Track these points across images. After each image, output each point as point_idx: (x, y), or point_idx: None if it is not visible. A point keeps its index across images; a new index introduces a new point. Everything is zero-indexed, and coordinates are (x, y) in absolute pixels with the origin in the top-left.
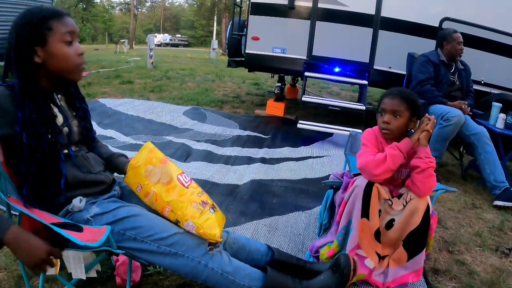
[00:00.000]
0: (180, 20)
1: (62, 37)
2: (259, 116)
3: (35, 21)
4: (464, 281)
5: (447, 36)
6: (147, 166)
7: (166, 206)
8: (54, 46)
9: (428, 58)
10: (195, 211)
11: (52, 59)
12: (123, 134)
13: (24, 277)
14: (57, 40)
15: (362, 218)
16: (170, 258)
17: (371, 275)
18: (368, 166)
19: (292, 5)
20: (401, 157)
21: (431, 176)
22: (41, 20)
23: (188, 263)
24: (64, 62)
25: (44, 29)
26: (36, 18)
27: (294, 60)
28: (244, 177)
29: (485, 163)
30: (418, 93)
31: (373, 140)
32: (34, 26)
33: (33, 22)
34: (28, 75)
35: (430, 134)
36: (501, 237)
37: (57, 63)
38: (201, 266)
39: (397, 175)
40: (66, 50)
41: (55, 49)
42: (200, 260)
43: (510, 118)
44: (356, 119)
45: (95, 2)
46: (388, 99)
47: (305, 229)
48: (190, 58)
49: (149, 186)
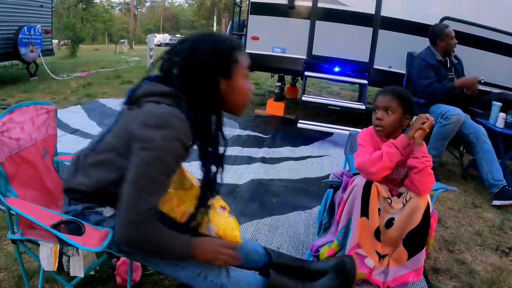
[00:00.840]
0: (180, 20)
1: (244, 71)
2: (259, 115)
3: (224, 51)
4: (465, 280)
5: (441, 32)
6: None
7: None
8: (237, 79)
9: (427, 62)
10: (215, 215)
11: (232, 93)
12: None
13: (24, 277)
14: (240, 73)
15: (362, 217)
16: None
17: (371, 274)
18: (365, 165)
19: (292, 4)
20: (397, 154)
21: (429, 175)
22: (230, 51)
23: (188, 275)
24: (242, 97)
25: (232, 62)
26: (225, 48)
27: (294, 60)
28: (244, 177)
29: (483, 162)
30: (428, 95)
31: (369, 139)
32: (224, 57)
33: (222, 52)
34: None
35: (426, 133)
36: (501, 236)
37: (236, 98)
38: (200, 278)
39: (395, 175)
40: (247, 85)
41: (238, 83)
42: (200, 272)
43: (510, 117)
44: (356, 119)
45: (95, 2)
46: (381, 96)
47: (305, 229)
48: None
49: (171, 193)
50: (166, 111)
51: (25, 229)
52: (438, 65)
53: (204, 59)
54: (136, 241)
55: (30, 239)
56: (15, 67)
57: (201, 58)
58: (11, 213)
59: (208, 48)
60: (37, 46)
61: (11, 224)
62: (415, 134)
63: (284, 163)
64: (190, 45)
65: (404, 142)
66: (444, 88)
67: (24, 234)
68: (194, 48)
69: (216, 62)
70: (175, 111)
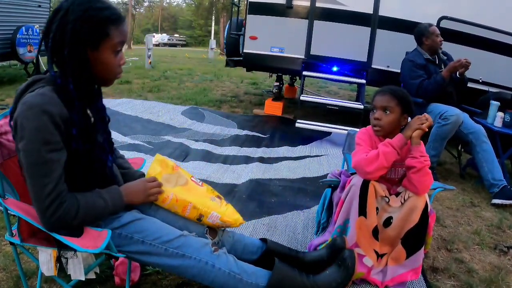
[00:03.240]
0: (178, 20)
1: (115, 46)
2: (257, 115)
3: (96, 22)
4: (463, 279)
5: (425, 31)
6: (162, 175)
7: (188, 204)
8: (105, 53)
9: (414, 62)
10: (215, 204)
11: (97, 65)
12: (121, 134)
13: (21, 277)
14: (109, 48)
15: (360, 216)
16: (177, 260)
17: (370, 273)
18: (361, 165)
19: (290, 4)
20: (394, 153)
21: (427, 175)
22: (102, 23)
23: (195, 264)
24: (106, 71)
25: (103, 35)
26: (98, 18)
27: (292, 60)
28: (242, 177)
29: (483, 162)
30: (423, 94)
31: (367, 139)
32: (95, 28)
33: (94, 21)
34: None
35: (423, 133)
36: (500, 235)
37: (101, 71)
38: (208, 267)
39: (393, 175)
40: (113, 59)
41: (104, 57)
42: (207, 260)
43: (508, 116)
44: (354, 118)
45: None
46: (379, 96)
47: (304, 228)
48: (188, 58)
49: (168, 191)
50: (31, 95)
51: (26, 236)
52: (426, 64)
53: (75, 26)
54: (62, 223)
55: (30, 246)
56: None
57: (74, 25)
58: (9, 214)
59: (79, 15)
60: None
61: (9, 225)
62: (413, 134)
63: (282, 163)
64: (65, 8)
65: (401, 142)
66: (435, 82)
67: (24, 240)
68: (71, 13)
69: (84, 31)
70: (41, 90)
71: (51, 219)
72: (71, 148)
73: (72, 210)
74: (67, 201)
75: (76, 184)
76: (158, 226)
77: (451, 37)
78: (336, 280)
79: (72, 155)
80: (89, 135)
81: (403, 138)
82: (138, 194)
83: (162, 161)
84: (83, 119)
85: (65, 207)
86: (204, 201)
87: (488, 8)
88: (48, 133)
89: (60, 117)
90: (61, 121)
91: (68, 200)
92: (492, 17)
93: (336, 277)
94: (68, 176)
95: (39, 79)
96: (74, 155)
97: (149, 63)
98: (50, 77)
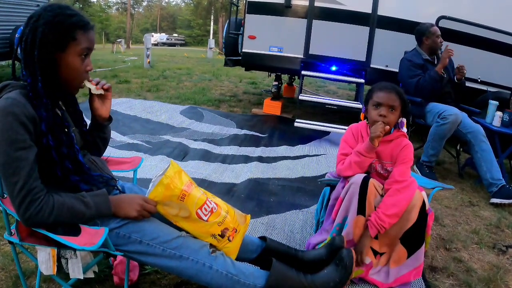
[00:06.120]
0: (177, 19)
1: (81, 51)
2: (256, 115)
3: (64, 26)
4: (462, 278)
5: (426, 31)
6: (164, 201)
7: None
8: (71, 56)
9: (412, 62)
10: (213, 241)
11: (62, 68)
12: (120, 134)
13: (20, 277)
14: (75, 52)
15: (358, 215)
16: (175, 261)
17: (369, 272)
18: (341, 173)
19: (289, 3)
20: (365, 160)
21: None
22: (70, 27)
23: (193, 266)
24: (71, 75)
25: (70, 38)
26: (66, 24)
27: (291, 59)
28: (241, 176)
29: (482, 161)
30: (420, 92)
31: (349, 139)
32: (63, 31)
33: (63, 26)
34: (49, 76)
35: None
36: (498, 235)
37: (66, 74)
38: (205, 268)
39: (384, 171)
40: (79, 64)
41: (70, 60)
42: (205, 262)
43: (506, 116)
44: (353, 118)
45: (91, 2)
46: (385, 93)
47: (302, 227)
48: (187, 58)
49: (169, 216)
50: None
51: (24, 235)
52: (424, 64)
53: (45, 29)
54: (35, 220)
55: (28, 245)
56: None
57: (44, 28)
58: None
59: (49, 20)
60: None
61: (8, 224)
62: (375, 139)
63: (281, 162)
64: (38, 14)
65: (368, 147)
66: (429, 77)
67: (23, 240)
68: (42, 18)
69: (57, 34)
70: (7, 94)
71: (24, 215)
72: (42, 144)
73: (45, 208)
74: (41, 199)
75: (53, 179)
76: (157, 226)
77: (450, 37)
78: (334, 279)
79: (45, 151)
80: (59, 130)
81: (369, 143)
82: (130, 208)
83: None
84: (53, 116)
85: (38, 205)
86: (201, 236)
87: (486, 8)
88: (13, 133)
89: (26, 116)
90: (27, 120)
91: (42, 198)
92: (490, 16)
93: (334, 277)
94: (45, 173)
95: (7, 84)
96: (47, 151)
97: (148, 62)
98: (18, 81)
